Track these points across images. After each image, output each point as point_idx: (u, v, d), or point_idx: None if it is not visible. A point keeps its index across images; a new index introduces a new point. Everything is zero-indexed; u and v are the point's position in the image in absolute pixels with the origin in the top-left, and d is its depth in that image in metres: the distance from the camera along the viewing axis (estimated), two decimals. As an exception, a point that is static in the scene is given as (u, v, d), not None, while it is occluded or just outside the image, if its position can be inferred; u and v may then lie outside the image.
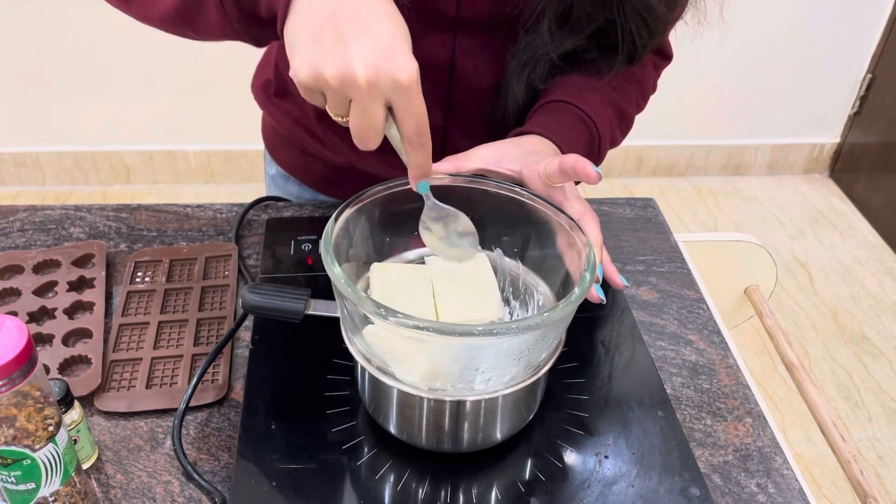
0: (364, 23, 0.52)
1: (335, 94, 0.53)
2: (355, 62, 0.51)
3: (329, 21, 0.52)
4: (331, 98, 0.53)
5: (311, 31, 0.53)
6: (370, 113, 0.53)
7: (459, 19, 0.75)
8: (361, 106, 0.52)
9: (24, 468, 0.52)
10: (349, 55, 0.51)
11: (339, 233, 0.61)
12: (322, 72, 0.51)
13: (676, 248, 0.91)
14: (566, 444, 0.65)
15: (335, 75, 0.51)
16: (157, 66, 2.27)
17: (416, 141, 0.55)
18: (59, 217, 0.91)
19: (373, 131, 0.54)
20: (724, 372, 0.75)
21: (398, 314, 0.51)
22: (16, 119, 2.37)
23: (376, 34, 0.52)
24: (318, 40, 0.52)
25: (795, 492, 0.64)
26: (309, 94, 0.55)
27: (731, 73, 2.52)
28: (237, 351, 0.74)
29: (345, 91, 0.52)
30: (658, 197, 2.53)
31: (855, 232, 2.51)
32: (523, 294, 0.68)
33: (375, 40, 0.51)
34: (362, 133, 0.54)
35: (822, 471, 1.73)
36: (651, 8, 0.72)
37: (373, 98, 0.52)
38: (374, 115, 0.53)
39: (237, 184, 2.54)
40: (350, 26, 0.52)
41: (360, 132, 0.54)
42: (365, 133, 0.54)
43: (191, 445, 0.65)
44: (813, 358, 2.03)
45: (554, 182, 0.67)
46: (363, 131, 0.54)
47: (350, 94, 0.52)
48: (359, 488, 0.60)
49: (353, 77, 0.51)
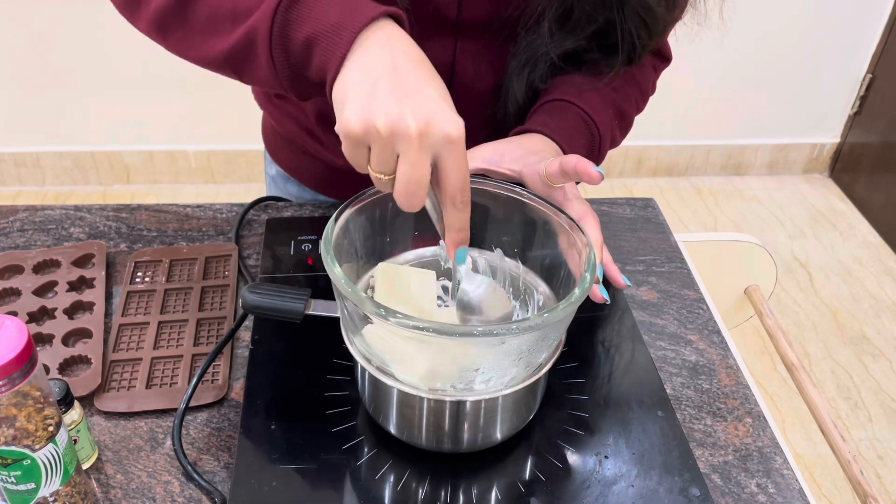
0: (417, 83, 0.53)
1: (384, 144, 0.52)
2: (408, 114, 0.51)
3: (383, 78, 0.53)
4: (378, 150, 0.53)
5: (366, 86, 0.53)
6: (419, 165, 0.52)
7: (460, 22, 0.75)
8: (411, 157, 0.52)
9: (24, 468, 0.52)
10: (403, 107, 0.51)
11: (339, 233, 0.61)
12: (374, 121, 0.51)
13: (676, 248, 0.91)
14: (566, 444, 0.65)
15: (387, 125, 0.51)
16: (157, 66, 2.27)
17: (459, 199, 0.54)
18: (59, 217, 0.91)
19: (420, 186, 0.53)
20: (724, 372, 0.75)
21: (398, 314, 0.51)
22: (16, 119, 2.37)
23: (429, 93, 0.53)
24: (373, 94, 0.52)
25: (795, 492, 0.64)
26: (354, 148, 0.54)
27: (730, 73, 2.52)
28: (237, 351, 0.74)
29: (395, 142, 0.51)
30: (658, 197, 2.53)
31: (855, 232, 2.51)
32: (523, 294, 0.68)
33: (428, 98, 0.52)
34: (409, 188, 0.53)
35: (822, 471, 1.73)
36: (650, 8, 0.72)
37: (423, 149, 0.51)
38: (422, 168, 0.52)
39: (237, 184, 2.54)
40: (404, 85, 0.53)
41: (407, 187, 0.53)
42: (412, 188, 0.52)
43: (191, 445, 0.65)
44: (813, 358, 2.03)
45: (554, 182, 0.67)
46: (410, 185, 0.52)
47: (399, 146, 0.52)
48: (359, 488, 0.60)
49: (406, 127, 0.51)
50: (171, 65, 2.31)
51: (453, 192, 0.54)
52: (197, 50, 0.65)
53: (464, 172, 0.54)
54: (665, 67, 0.88)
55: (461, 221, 0.56)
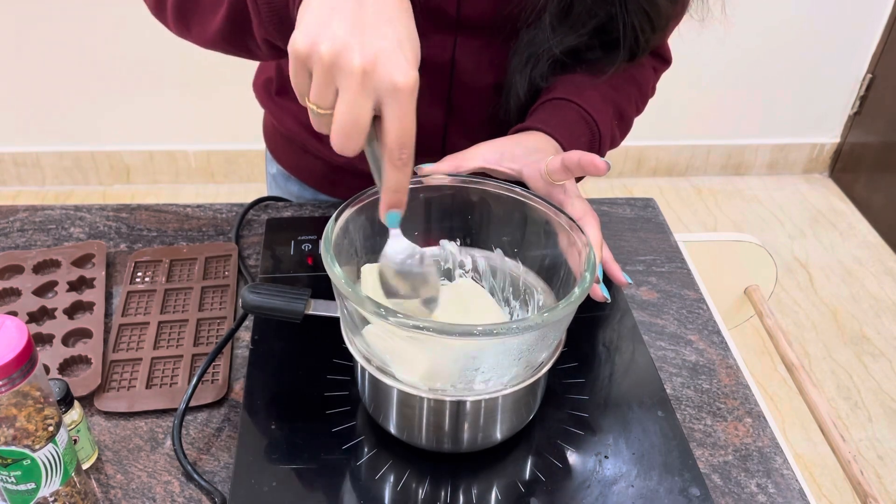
0: (378, 19, 0.50)
1: (324, 73, 0.48)
2: (356, 46, 0.48)
3: (345, 5, 0.50)
4: (317, 78, 0.49)
5: (325, 10, 0.50)
6: (357, 106, 0.48)
7: (460, 19, 0.75)
8: (349, 96, 0.48)
9: (24, 468, 0.52)
10: (352, 38, 0.48)
11: (339, 233, 0.61)
12: (319, 44, 0.48)
13: (676, 248, 0.91)
14: (566, 444, 0.65)
15: (331, 51, 0.47)
16: (157, 66, 2.27)
17: (398, 156, 0.50)
18: (59, 217, 0.91)
19: (357, 128, 0.49)
20: (724, 372, 0.75)
21: (398, 314, 0.51)
22: (16, 119, 2.37)
23: (386, 33, 0.49)
24: (329, 18, 0.49)
25: (795, 492, 0.64)
26: (297, 72, 0.50)
27: (731, 72, 2.52)
28: (237, 351, 0.74)
29: (335, 73, 0.48)
30: (658, 197, 2.53)
31: (855, 232, 2.51)
32: (523, 294, 0.68)
33: (386, 37, 0.49)
34: (345, 129, 0.49)
35: (822, 471, 1.73)
36: (654, 2, 0.72)
37: (364, 90, 0.48)
38: (360, 110, 0.48)
39: (237, 184, 2.54)
40: (363, 17, 0.49)
41: (342, 127, 0.49)
42: (347, 129, 0.49)
43: (191, 445, 0.65)
44: (813, 358, 2.03)
45: (556, 179, 0.67)
46: (347, 125, 0.49)
47: (339, 80, 0.48)
48: (359, 488, 0.60)
49: (350, 59, 0.47)
50: (171, 65, 2.32)
51: (392, 147, 0.50)
52: (213, 31, 0.65)
53: (407, 127, 0.49)
54: (665, 69, 0.88)
55: (398, 181, 0.51)
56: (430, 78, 0.76)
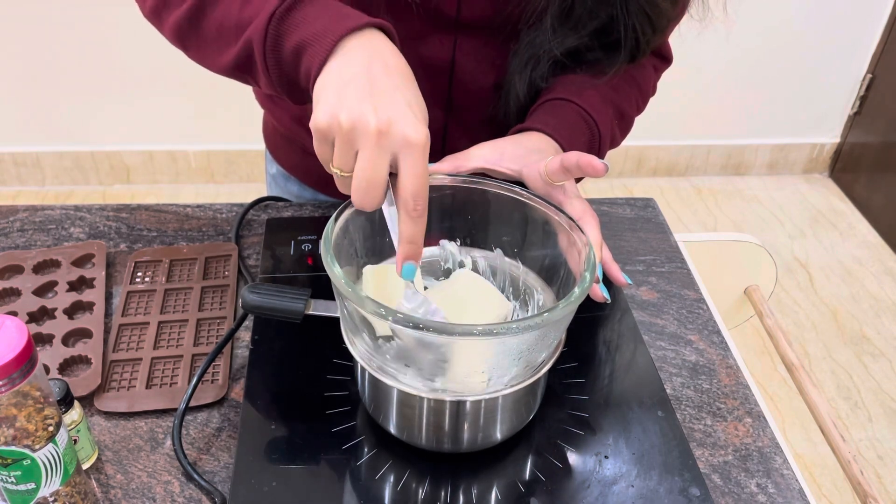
0: (387, 87, 0.55)
1: (345, 139, 0.53)
2: (370, 112, 0.53)
3: (356, 79, 0.55)
4: (339, 145, 0.54)
5: (338, 86, 0.55)
6: (375, 163, 0.53)
7: (460, 20, 0.75)
8: (368, 154, 0.53)
9: (24, 468, 0.52)
10: (368, 107, 0.53)
11: (339, 233, 0.61)
12: (338, 116, 0.53)
13: (676, 248, 0.91)
14: (566, 444, 0.65)
15: (349, 120, 0.53)
16: (157, 66, 2.27)
17: (413, 206, 0.54)
18: (59, 217, 0.91)
19: (374, 185, 0.53)
20: (724, 372, 0.75)
21: (398, 314, 0.51)
22: (16, 119, 2.37)
23: (396, 98, 0.54)
24: (343, 92, 0.54)
25: (795, 492, 0.64)
26: (321, 144, 0.56)
27: (731, 72, 2.52)
28: (237, 351, 0.74)
29: (354, 136, 0.53)
30: (658, 197, 2.53)
31: (855, 232, 2.51)
32: (523, 294, 0.68)
33: (396, 102, 0.54)
34: (363, 185, 0.53)
35: (822, 471, 1.73)
36: (655, 3, 0.72)
37: (380, 147, 0.52)
38: (377, 166, 0.53)
39: (237, 184, 2.54)
40: (374, 88, 0.54)
41: (361, 183, 0.53)
42: (366, 185, 0.53)
43: (191, 445, 0.65)
44: (813, 358, 2.03)
45: (555, 180, 0.67)
46: (365, 182, 0.53)
47: (358, 142, 0.53)
48: (359, 488, 0.60)
49: (366, 124, 0.52)
50: (171, 65, 2.32)
51: (407, 198, 0.53)
52: (212, 60, 0.68)
53: (421, 179, 0.53)
54: (665, 68, 0.88)
55: (413, 233, 0.55)
56: (430, 78, 0.77)
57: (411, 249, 0.55)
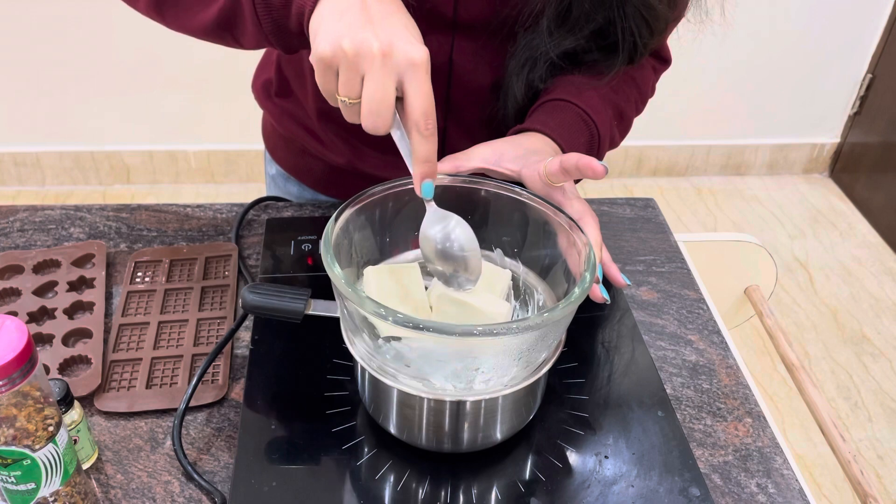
0: (383, 14, 0.56)
1: (350, 65, 0.54)
2: (372, 37, 0.54)
3: (352, 9, 0.56)
4: (344, 73, 0.55)
5: (336, 16, 0.56)
6: (382, 84, 0.54)
7: (457, 21, 0.75)
8: (374, 76, 0.54)
9: (24, 468, 0.52)
10: (367, 32, 0.54)
11: (339, 233, 0.61)
12: (341, 43, 0.54)
13: (676, 248, 0.91)
14: (566, 444, 0.65)
15: (352, 46, 0.54)
16: (156, 66, 2.27)
17: (424, 125, 0.55)
18: (59, 217, 0.91)
19: (384, 105, 0.54)
20: (724, 372, 0.75)
21: (398, 314, 0.51)
22: (16, 119, 2.37)
23: (393, 22, 0.55)
24: (341, 20, 0.55)
25: (795, 492, 0.64)
26: (324, 74, 0.56)
27: (731, 72, 2.52)
28: (237, 351, 0.74)
29: (359, 62, 0.54)
30: (658, 197, 2.53)
31: (855, 232, 2.51)
32: (523, 294, 0.68)
33: (394, 26, 0.55)
34: (373, 107, 0.54)
35: (822, 471, 1.73)
36: (652, 6, 0.72)
37: (386, 70, 0.54)
38: (386, 89, 0.54)
39: (237, 184, 2.54)
40: (370, 15, 0.55)
41: (371, 107, 0.55)
42: (377, 108, 0.54)
43: (191, 445, 0.65)
44: (813, 358, 2.03)
45: (554, 181, 0.67)
46: (375, 104, 0.54)
47: (364, 66, 0.54)
48: (359, 488, 0.60)
49: (370, 47, 0.53)
50: (171, 65, 2.32)
51: (417, 118, 0.55)
52: (191, 20, 0.68)
53: (428, 97, 0.55)
54: (665, 70, 0.88)
55: (427, 151, 0.57)
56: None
57: (427, 168, 0.57)
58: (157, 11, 0.70)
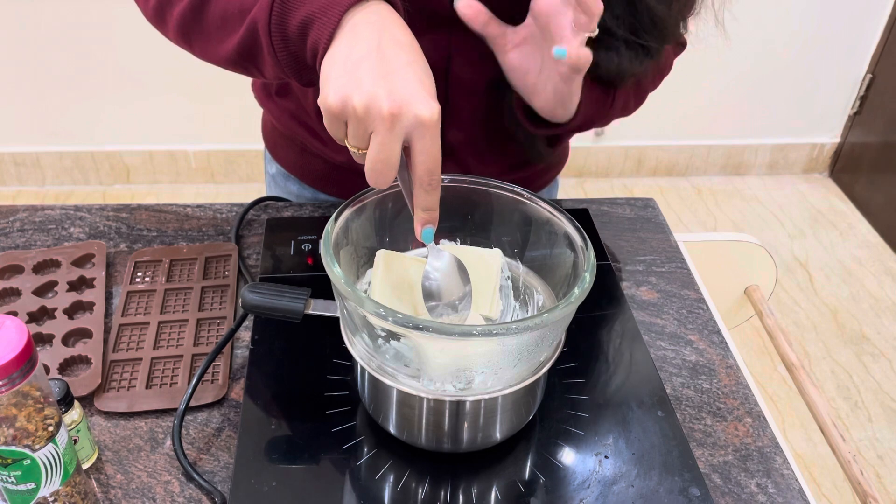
0: (398, 64, 0.55)
1: (359, 123, 0.54)
2: (383, 95, 0.53)
3: (367, 58, 0.55)
4: (353, 127, 0.55)
5: (349, 65, 0.55)
6: (388, 146, 0.53)
7: (454, 18, 0.74)
8: (381, 138, 0.53)
9: (24, 468, 0.52)
10: (379, 88, 0.53)
11: (339, 233, 0.61)
12: (351, 99, 0.53)
13: (676, 248, 0.91)
14: (566, 444, 0.65)
15: (362, 103, 0.53)
16: (157, 66, 2.27)
17: (427, 182, 0.56)
18: (59, 217, 0.91)
19: (388, 165, 0.54)
20: (724, 372, 0.75)
21: (398, 314, 0.51)
22: (16, 119, 2.37)
23: (408, 76, 0.54)
24: (354, 72, 0.54)
25: (795, 492, 0.64)
26: (333, 123, 0.56)
27: (731, 73, 2.52)
28: (237, 351, 0.74)
29: (368, 121, 0.53)
30: (658, 197, 2.53)
31: (855, 232, 2.51)
32: (523, 294, 0.68)
33: (408, 80, 0.54)
34: (378, 166, 0.54)
35: (822, 471, 1.73)
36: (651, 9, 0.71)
37: (394, 131, 0.53)
38: (391, 149, 0.54)
39: (237, 184, 2.54)
40: (385, 66, 0.54)
41: (375, 165, 0.54)
42: (380, 166, 0.54)
43: (191, 445, 0.65)
44: (813, 358, 2.03)
45: None
46: (379, 164, 0.54)
47: (372, 125, 0.53)
48: (359, 488, 0.60)
49: (380, 108, 0.53)
50: (171, 65, 2.32)
51: (422, 175, 0.55)
52: (215, 50, 0.68)
53: (434, 156, 0.55)
54: (681, 52, 0.87)
55: (429, 202, 0.57)
56: None
57: (429, 216, 0.58)
58: (185, 41, 0.70)
